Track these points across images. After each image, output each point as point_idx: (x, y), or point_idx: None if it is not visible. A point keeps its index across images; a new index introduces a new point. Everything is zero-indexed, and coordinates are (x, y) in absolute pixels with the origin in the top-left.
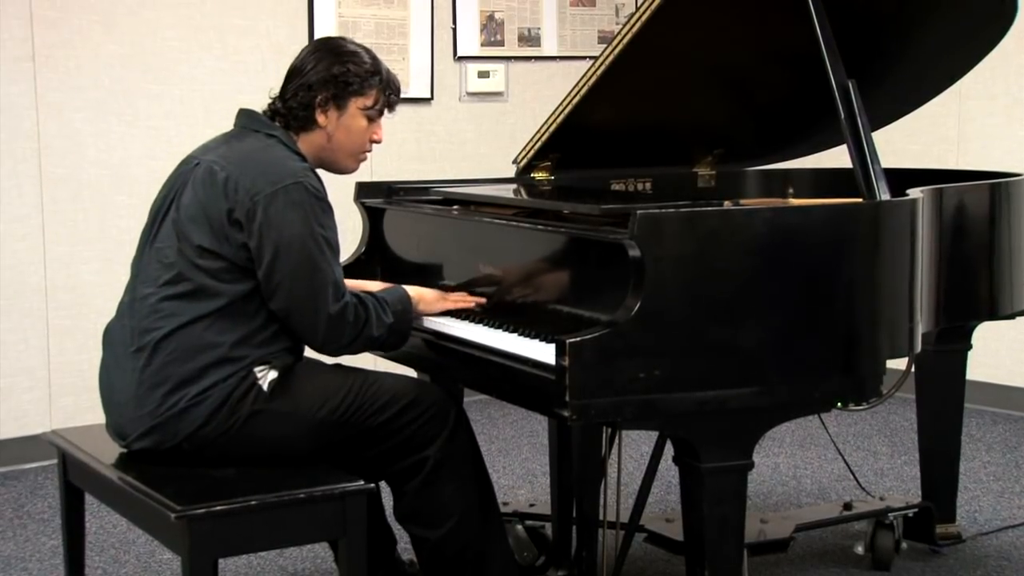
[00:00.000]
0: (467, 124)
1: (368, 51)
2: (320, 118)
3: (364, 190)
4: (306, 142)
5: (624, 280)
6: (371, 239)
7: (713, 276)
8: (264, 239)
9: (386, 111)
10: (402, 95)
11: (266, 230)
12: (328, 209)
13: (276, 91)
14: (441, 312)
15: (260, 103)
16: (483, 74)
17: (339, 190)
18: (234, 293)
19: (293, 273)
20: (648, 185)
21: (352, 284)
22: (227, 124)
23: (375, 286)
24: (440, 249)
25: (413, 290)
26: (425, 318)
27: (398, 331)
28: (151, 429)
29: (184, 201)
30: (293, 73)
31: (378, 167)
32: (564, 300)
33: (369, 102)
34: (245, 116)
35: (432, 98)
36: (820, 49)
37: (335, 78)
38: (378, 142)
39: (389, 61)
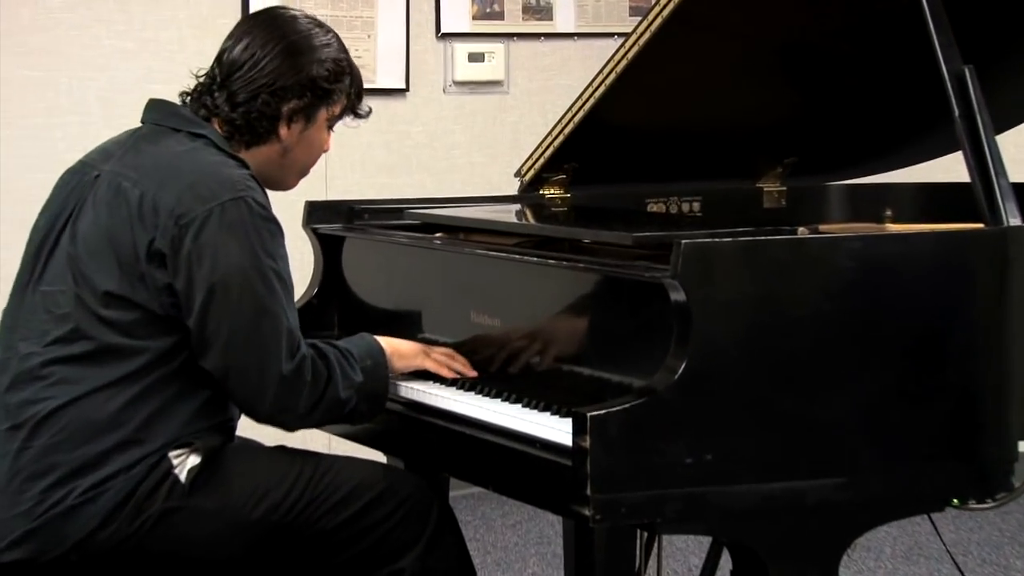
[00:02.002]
0: (454, 124)
1: (335, 36)
2: (283, 131)
3: (317, 212)
4: (252, 156)
5: (664, 332)
6: (325, 277)
7: (783, 327)
8: (194, 276)
9: (348, 118)
10: (368, 84)
11: (196, 264)
12: (278, 232)
13: (203, 71)
14: (421, 372)
15: (177, 98)
16: (476, 57)
17: (282, 211)
18: (150, 353)
19: (233, 319)
20: (697, 205)
21: None
22: (134, 123)
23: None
24: (419, 291)
25: (385, 341)
26: (401, 385)
27: (371, 394)
28: (28, 534)
29: (82, 229)
30: (240, 66)
31: (335, 181)
32: (584, 359)
33: (337, 110)
34: (159, 110)
35: (407, 89)
36: (926, 25)
37: (313, 83)
38: (326, 151)
39: (350, 40)
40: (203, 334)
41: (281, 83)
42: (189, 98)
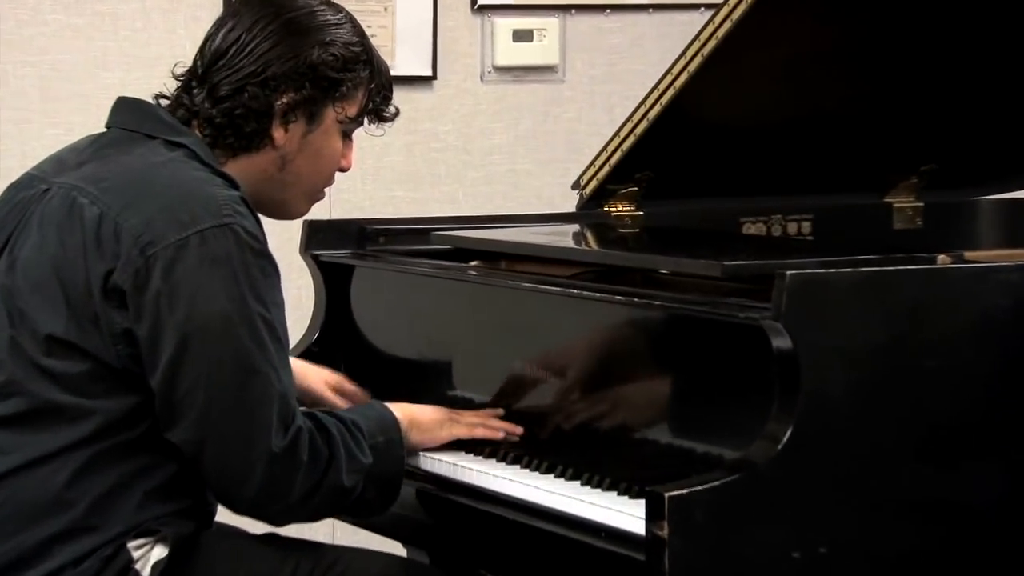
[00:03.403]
0: (495, 121)
1: (350, 18)
2: (277, 133)
3: (319, 234)
4: (241, 167)
5: (764, 389)
6: (329, 319)
7: (920, 382)
8: (162, 322)
9: (368, 122)
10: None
11: (166, 307)
12: (272, 272)
13: (184, 68)
14: (448, 443)
15: (140, 87)
16: (522, 35)
17: (273, 233)
18: (103, 416)
19: (212, 380)
20: (807, 226)
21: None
22: (82, 120)
23: (317, 377)
24: (449, 336)
25: (401, 409)
26: (424, 456)
27: (382, 479)
28: None
29: (23, 255)
30: (223, 53)
31: (342, 195)
32: (661, 423)
33: (354, 110)
34: (130, 111)
35: (434, 76)
36: None
37: (314, 70)
38: (346, 170)
39: (361, 15)
40: (171, 398)
41: (273, 70)
42: (167, 101)
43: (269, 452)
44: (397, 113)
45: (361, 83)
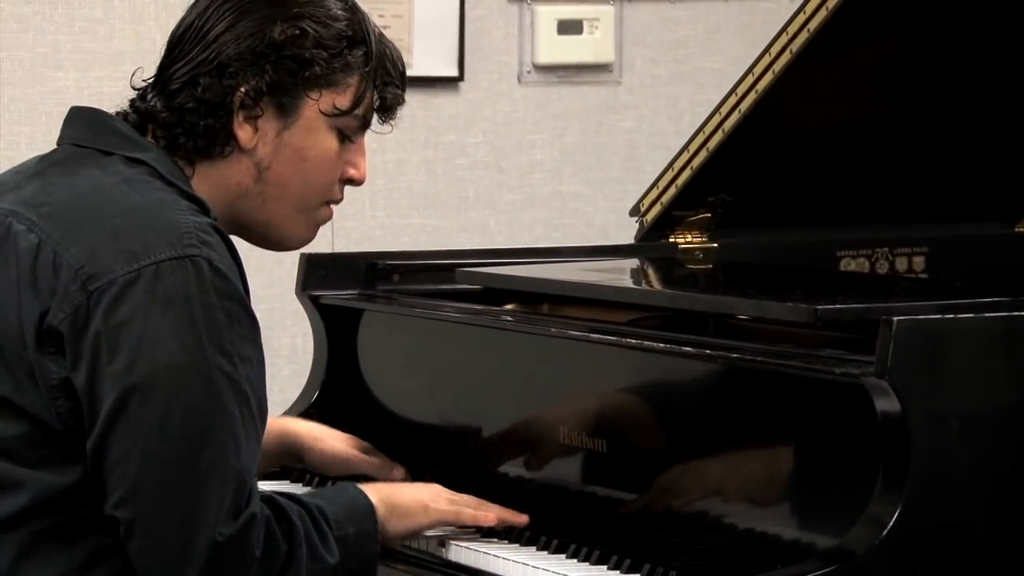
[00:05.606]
0: (535, 131)
1: None
2: (243, 132)
3: (318, 271)
4: (211, 182)
5: (865, 460)
6: (332, 373)
7: None
8: (99, 372)
9: (377, 119)
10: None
11: (105, 354)
12: (243, 317)
13: (149, 72)
14: (475, 528)
15: (100, 91)
16: (570, 26)
17: (263, 270)
18: (37, 490)
19: (151, 445)
20: (920, 261)
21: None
22: (29, 131)
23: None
24: (477, 396)
25: (377, 492)
26: (453, 544)
27: None
28: None
29: None
30: (180, 39)
31: (347, 222)
32: (736, 504)
33: (346, 100)
34: (84, 124)
35: (461, 78)
36: None
37: (276, 49)
38: (357, 182)
39: (373, 3)
40: (101, 465)
41: (228, 53)
42: (129, 111)
43: (211, 542)
44: (402, 102)
45: (350, 67)
